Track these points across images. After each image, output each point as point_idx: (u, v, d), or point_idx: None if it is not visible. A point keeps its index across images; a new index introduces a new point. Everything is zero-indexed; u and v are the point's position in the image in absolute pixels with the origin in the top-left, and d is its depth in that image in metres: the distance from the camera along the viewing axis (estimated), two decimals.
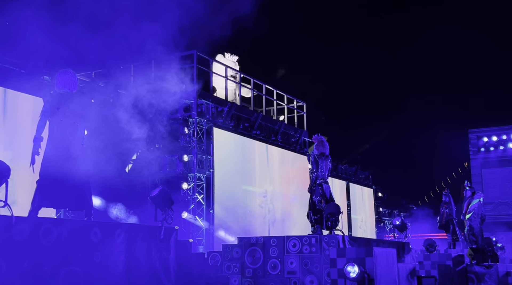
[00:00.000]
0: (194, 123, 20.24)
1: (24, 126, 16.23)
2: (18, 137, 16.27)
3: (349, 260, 10.87)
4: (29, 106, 16.14)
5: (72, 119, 9.15)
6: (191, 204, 19.96)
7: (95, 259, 8.41)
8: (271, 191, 24.55)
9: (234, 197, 21.96)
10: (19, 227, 7.41)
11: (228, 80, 22.72)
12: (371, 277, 10.69)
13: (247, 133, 23.09)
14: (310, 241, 12.71)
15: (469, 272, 15.64)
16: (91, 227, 8.48)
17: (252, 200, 23.14)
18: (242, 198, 22.52)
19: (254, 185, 23.40)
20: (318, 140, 14.16)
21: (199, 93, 20.51)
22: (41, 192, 8.89)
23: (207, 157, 20.60)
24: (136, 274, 9.14)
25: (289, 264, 12.78)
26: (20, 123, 16.38)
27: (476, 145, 33.56)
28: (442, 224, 21.50)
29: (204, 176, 20.53)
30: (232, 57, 23.95)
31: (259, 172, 23.87)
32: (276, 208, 24.58)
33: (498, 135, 33.32)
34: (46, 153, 9.01)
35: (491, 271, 15.76)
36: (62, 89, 9.26)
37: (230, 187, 21.76)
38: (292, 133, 26.36)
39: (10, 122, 16.44)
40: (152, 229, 9.84)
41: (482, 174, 32.79)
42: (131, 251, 9.08)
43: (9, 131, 16.36)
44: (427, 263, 15.10)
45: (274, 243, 13.09)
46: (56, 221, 8.51)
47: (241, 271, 12.97)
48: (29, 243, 7.51)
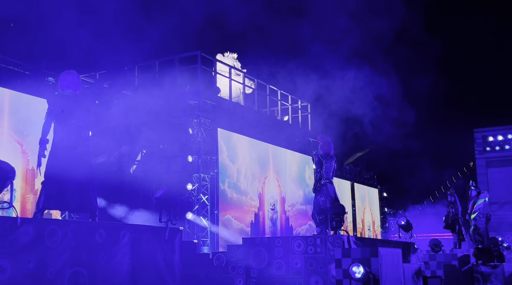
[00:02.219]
0: (198, 123, 20.23)
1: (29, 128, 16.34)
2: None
3: (354, 260, 10.85)
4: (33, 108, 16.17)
5: (76, 120, 9.13)
6: (196, 205, 19.95)
7: (100, 260, 8.41)
8: (276, 191, 24.54)
9: (239, 197, 21.96)
10: (24, 228, 7.41)
11: (233, 81, 22.70)
12: (376, 278, 10.66)
13: (251, 134, 23.08)
14: (315, 242, 12.68)
15: (475, 272, 15.60)
16: (96, 228, 8.48)
17: (257, 200, 23.13)
18: (247, 198, 22.50)
19: (258, 185, 23.38)
20: (323, 140, 14.14)
21: (203, 93, 20.50)
22: (46, 193, 8.88)
23: (212, 157, 20.59)
24: (141, 275, 9.14)
25: (294, 265, 12.76)
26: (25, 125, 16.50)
27: (482, 144, 33.45)
28: (447, 224, 21.42)
29: (208, 176, 20.52)
30: (232, 55, 23.90)
31: (263, 172, 23.86)
32: (281, 208, 24.57)
33: (504, 135, 33.20)
34: (51, 154, 9.00)
35: (497, 271, 15.72)
36: (66, 90, 9.25)
37: (234, 187, 21.75)
38: (297, 134, 26.34)
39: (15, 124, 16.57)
40: (157, 230, 9.84)
41: (487, 174, 32.69)
42: (136, 252, 9.08)
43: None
44: (432, 263, 15.06)
45: (279, 243, 13.07)
46: (61, 222, 8.51)
47: (246, 271, 12.95)
48: (34, 244, 7.51)
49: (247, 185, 22.71)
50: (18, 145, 16.64)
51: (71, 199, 9.03)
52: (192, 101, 20.34)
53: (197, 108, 20.26)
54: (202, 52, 20.81)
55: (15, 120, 16.54)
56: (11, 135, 16.52)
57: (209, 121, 20.62)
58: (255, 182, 23.28)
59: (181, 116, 20.38)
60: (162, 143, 21.29)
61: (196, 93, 20.42)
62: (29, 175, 16.93)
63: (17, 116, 16.52)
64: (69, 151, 8.94)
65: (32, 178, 16.86)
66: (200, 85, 20.49)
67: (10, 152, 16.05)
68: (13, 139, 16.56)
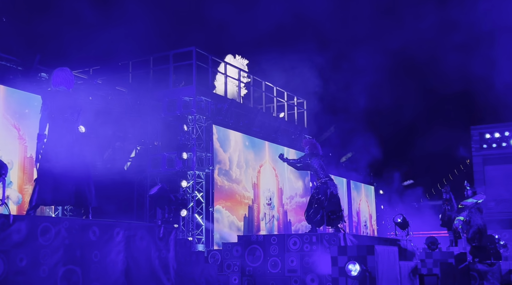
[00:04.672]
0: (193, 120, 20.12)
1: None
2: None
3: (350, 258, 10.77)
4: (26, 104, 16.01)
5: (69, 116, 9.06)
6: (191, 202, 19.85)
7: (94, 258, 8.34)
8: (273, 182, 24.38)
9: (234, 195, 21.84)
10: (16, 225, 7.33)
11: (228, 77, 22.59)
12: (372, 276, 10.60)
13: (247, 130, 22.97)
14: (311, 239, 12.61)
15: (472, 270, 15.55)
16: (90, 226, 8.41)
17: (252, 197, 22.99)
18: (242, 195, 22.37)
19: (253, 174, 23.18)
20: (310, 143, 14.17)
21: (198, 90, 20.38)
22: (39, 190, 8.78)
23: (207, 154, 20.48)
24: (135, 273, 9.08)
25: (289, 263, 12.68)
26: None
27: (478, 141, 33.39)
28: (444, 221, 21.37)
29: (203, 173, 20.41)
30: (243, 60, 23.80)
31: (258, 160, 23.65)
32: (279, 201, 24.44)
33: (501, 132, 33.14)
34: (45, 150, 8.92)
35: (494, 269, 15.69)
36: (59, 87, 9.19)
37: (226, 174, 21.55)
38: (292, 130, 26.25)
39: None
40: (151, 227, 9.77)
41: (484, 171, 32.65)
42: (130, 250, 9.02)
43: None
44: (429, 261, 15.00)
45: (274, 241, 12.99)
46: (54, 220, 8.40)
47: (241, 269, 12.88)
48: (27, 242, 7.44)
49: (240, 174, 22.40)
50: (15, 129, 16.08)
51: (65, 195, 8.94)
52: (187, 98, 20.22)
53: (192, 104, 20.14)
54: (197, 47, 20.68)
55: (12, 101, 16.11)
56: (7, 119, 15.98)
57: (204, 118, 20.51)
58: (249, 171, 22.97)
59: (176, 113, 20.26)
60: (156, 140, 21.18)
61: (191, 90, 20.30)
62: (27, 164, 16.19)
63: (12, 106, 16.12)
64: (62, 147, 8.85)
65: (30, 168, 16.03)
66: (195, 82, 20.36)
67: (5, 137, 15.57)
68: (9, 123, 15.94)
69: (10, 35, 16.53)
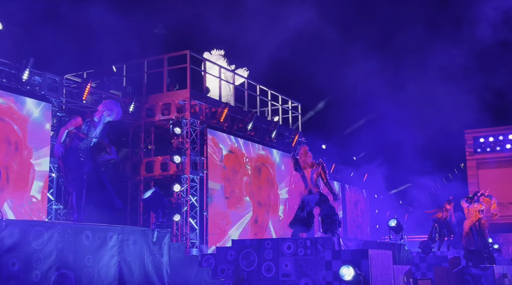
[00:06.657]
0: (187, 124, 20.07)
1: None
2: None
3: (344, 262, 10.77)
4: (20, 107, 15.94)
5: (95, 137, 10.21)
6: (184, 206, 19.79)
7: (87, 262, 8.33)
8: (266, 193, 24.35)
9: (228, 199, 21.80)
10: (9, 229, 7.30)
11: (222, 81, 22.54)
12: (366, 279, 10.59)
13: (241, 134, 22.92)
14: (305, 243, 12.60)
15: (466, 274, 15.59)
16: (83, 230, 8.39)
17: (247, 202, 22.95)
18: (236, 199, 22.33)
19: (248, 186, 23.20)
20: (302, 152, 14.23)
21: (192, 93, 20.34)
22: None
23: (201, 158, 20.43)
24: (129, 277, 9.07)
25: (284, 267, 12.66)
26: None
27: (472, 146, 33.40)
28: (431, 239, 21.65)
29: (197, 177, 20.35)
30: (219, 51, 23.58)
31: (253, 172, 23.66)
32: (272, 209, 24.40)
33: (495, 136, 33.14)
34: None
35: (488, 273, 15.70)
36: (112, 118, 10.23)
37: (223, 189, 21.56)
38: (287, 134, 26.21)
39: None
40: (144, 231, 9.76)
41: (478, 175, 32.66)
42: (124, 254, 9.02)
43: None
44: (423, 265, 15.03)
45: (268, 245, 12.97)
46: (47, 224, 8.38)
47: (235, 274, 12.86)
48: (20, 246, 7.41)
49: (234, 178, 22.33)
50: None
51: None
52: (181, 101, 20.18)
53: (186, 108, 20.10)
54: (191, 51, 20.66)
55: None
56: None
57: (198, 122, 20.47)
58: (243, 175, 22.90)
59: (170, 116, 20.23)
60: (150, 144, 21.15)
61: (185, 93, 20.26)
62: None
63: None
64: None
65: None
66: (189, 85, 20.32)
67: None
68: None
69: (2, 38, 16.45)
